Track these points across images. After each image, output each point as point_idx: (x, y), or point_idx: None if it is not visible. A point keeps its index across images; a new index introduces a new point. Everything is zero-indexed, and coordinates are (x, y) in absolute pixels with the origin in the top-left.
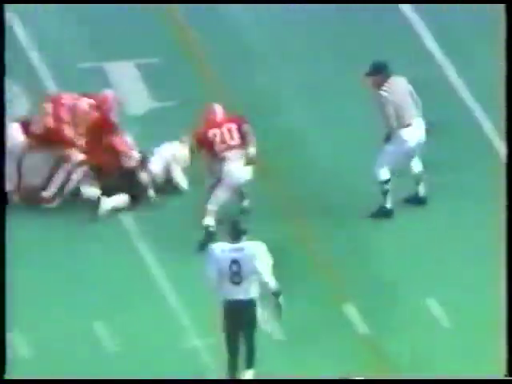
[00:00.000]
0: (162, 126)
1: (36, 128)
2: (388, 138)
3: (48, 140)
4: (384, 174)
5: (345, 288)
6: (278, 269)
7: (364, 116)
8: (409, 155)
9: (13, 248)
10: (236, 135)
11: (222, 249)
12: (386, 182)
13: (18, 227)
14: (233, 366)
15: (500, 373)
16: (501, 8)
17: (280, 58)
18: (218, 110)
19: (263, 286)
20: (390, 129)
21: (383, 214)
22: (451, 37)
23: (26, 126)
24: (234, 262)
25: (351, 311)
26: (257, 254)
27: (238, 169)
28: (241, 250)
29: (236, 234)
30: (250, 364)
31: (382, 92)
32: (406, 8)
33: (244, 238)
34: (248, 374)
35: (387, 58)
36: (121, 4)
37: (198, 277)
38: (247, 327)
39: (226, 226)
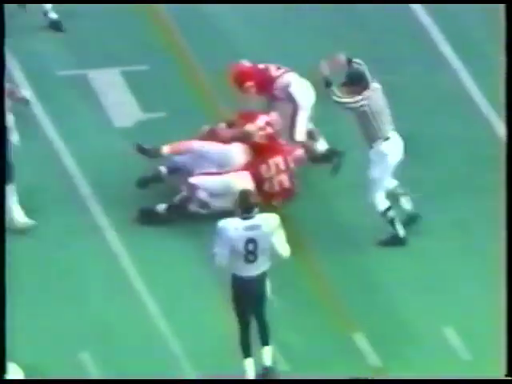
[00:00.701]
0: (152, 139)
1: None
2: (328, 84)
3: None
4: (382, 203)
5: (355, 317)
6: (284, 295)
7: None
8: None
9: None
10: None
11: (235, 227)
12: (388, 210)
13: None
14: (246, 345)
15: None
16: (501, 8)
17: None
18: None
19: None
20: (371, 143)
21: (397, 243)
22: (452, 36)
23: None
24: (251, 240)
25: (361, 341)
26: (274, 230)
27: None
28: (257, 227)
29: (247, 206)
30: (266, 341)
31: (361, 103)
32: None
33: (255, 210)
34: (266, 350)
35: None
36: (105, 4)
37: (191, 305)
38: (258, 302)
39: (235, 198)
